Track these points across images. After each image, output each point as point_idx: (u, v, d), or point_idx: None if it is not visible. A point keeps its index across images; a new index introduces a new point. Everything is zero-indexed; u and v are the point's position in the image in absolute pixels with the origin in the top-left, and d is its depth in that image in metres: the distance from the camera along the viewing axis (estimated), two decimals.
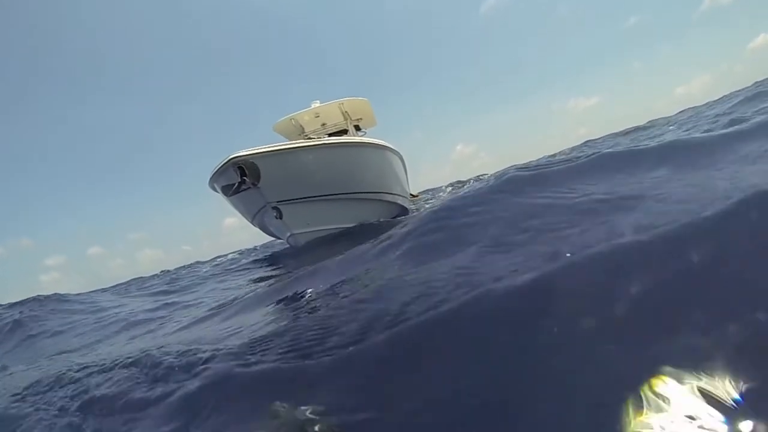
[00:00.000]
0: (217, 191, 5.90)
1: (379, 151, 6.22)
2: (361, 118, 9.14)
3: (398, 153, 6.99)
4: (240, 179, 4.31)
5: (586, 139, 9.43)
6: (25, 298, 5.19)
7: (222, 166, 4.41)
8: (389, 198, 6.82)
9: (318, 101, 8.49)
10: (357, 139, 5.76)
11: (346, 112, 8.62)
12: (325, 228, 5.56)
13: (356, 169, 5.74)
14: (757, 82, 10.87)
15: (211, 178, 4.88)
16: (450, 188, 10.73)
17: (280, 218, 4.95)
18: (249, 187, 4.36)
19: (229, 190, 4.47)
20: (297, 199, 5.00)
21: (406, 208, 7.56)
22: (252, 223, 6.20)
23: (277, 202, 4.84)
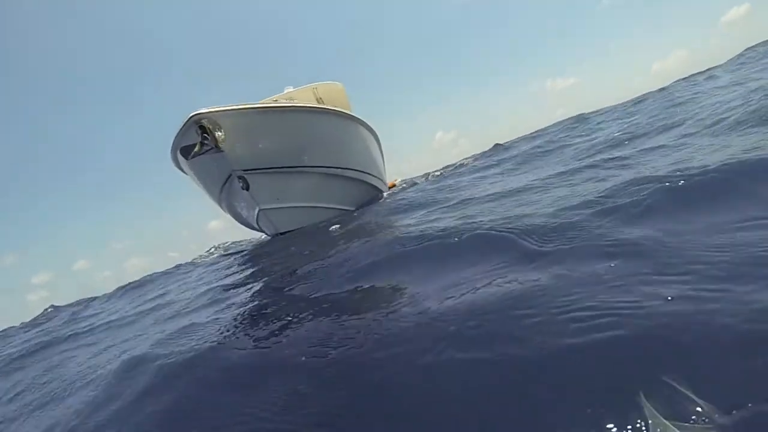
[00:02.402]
0: (181, 169, 5.50)
1: (356, 125, 5.97)
2: (335, 106, 8.90)
3: (375, 132, 6.75)
4: (201, 139, 3.95)
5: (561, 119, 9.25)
6: None
7: (183, 125, 4.06)
8: (367, 179, 6.54)
9: (291, 87, 8.22)
10: (334, 108, 5.48)
11: (320, 98, 8.36)
12: (296, 205, 5.24)
13: (332, 139, 5.45)
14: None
15: (173, 144, 4.49)
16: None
17: (247, 189, 4.61)
18: (211, 148, 4.01)
19: (189, 152, 4.10)
20: (266, 168, 4.67)
21: (383, 192, 7.30)
22: (221, 204, 5.80)
23: (243, 170, 4.50)
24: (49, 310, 7.16)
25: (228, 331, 1.70)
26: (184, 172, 5.49)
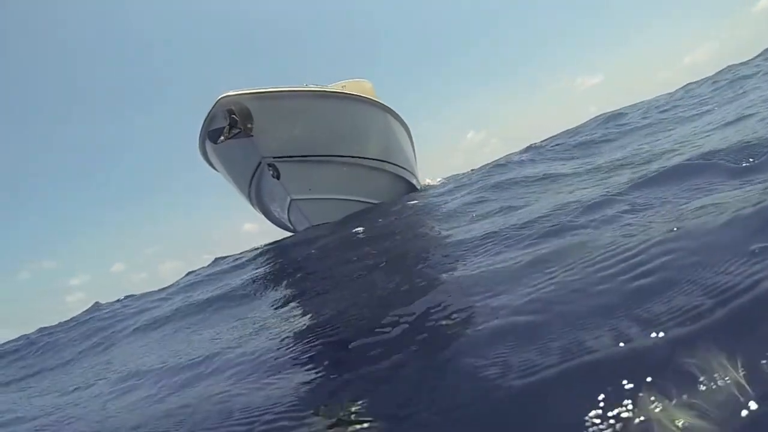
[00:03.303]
0: (210, 163, 5.33)
1: (389, 116, 5.67)
2: None
3: (407, 125, 6.44)
4: (229, 122, 3.73)
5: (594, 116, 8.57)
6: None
7: (211, 109, 3.85)
8: (401, 173, 6.21)
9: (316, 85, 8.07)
10: (367, 97, 5.20)
11: None
12: (329, 197, 4.95)
13: (365, 128, 5.17)
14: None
15: (201, 130, 4.30)
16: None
17: (278, 178, 4.35)
18: (239, 131, 3.77)
19: (216, 137, 3.88)
20: (297, 156, 4.41)
21: (417, 188, 6.94)
22: (251, 200, 5.57)
23: (274, 158, 4.25)
24: (96, 312, 7.13)
25: None
26: (213, 167, 5.31)
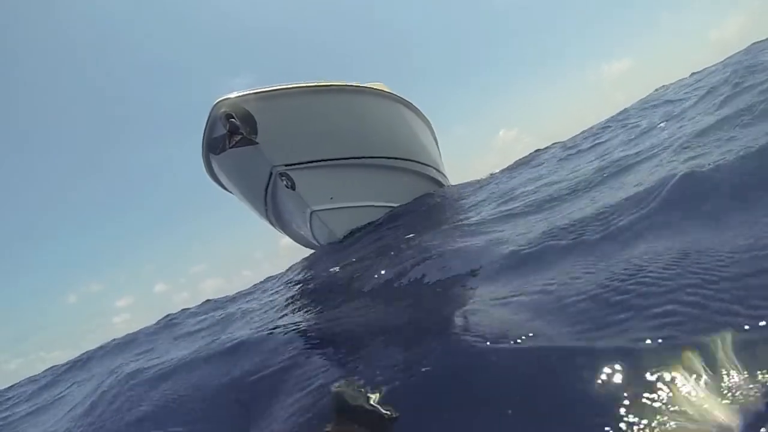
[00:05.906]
0: (220, 183, 4.90)
1: (409, 111, 5.15)
2: None
3: (428, 120, 5.90)
4: (230, 128, 3.30)
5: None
6: None
7: (209, 117, 3.43)
8: (424, 170, 5.66)
9: None
10: (383, 90, 4.68)
11: None
12: (353, 205, 4.45)
13: (382, 124, 4.66)
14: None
15: (202, 145, 3.86)
16: None
17: (293, 188, 3.89)
18: (241, 137, 3.33)
19: (217, 146, 3.45)
20: (310, 162, 3.94)
21: (443, 185, 6.36)
22: (270, 221, 5.11)
23: (286, 166, 3.80)
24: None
25: None
26: (222, 186, 4.89)
